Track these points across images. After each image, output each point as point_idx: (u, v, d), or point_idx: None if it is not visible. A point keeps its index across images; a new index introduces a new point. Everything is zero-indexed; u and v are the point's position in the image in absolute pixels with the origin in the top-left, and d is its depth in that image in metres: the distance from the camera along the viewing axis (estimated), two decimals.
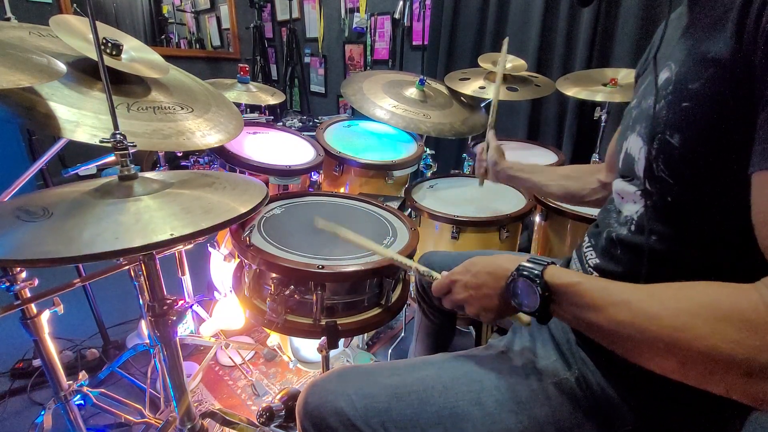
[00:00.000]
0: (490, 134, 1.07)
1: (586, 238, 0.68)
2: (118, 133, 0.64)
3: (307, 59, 3.86)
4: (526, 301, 0.51)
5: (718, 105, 0.44)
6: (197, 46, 4.12)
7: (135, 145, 0.67)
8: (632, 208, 0.57)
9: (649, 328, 0.41)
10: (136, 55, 0.93)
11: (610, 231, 0.60)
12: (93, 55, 0.77)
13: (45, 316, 0.78)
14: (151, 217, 0.58)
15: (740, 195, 0.43)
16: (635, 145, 0.56)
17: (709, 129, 0.45)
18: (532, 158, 1.64)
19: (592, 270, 0.63)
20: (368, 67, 3.32)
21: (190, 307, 1.05)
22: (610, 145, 0.85)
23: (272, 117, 1.95)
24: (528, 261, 0.52)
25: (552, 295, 0.49)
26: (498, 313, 0.57)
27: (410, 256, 0.87)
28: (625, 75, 1.53)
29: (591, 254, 0.64)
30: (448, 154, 2.72)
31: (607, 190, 0.86)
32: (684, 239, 0.50)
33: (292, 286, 0.80)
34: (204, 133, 0.91)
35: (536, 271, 0.50)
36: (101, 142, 0.65)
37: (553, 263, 0.51)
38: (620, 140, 0.62)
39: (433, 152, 1.74)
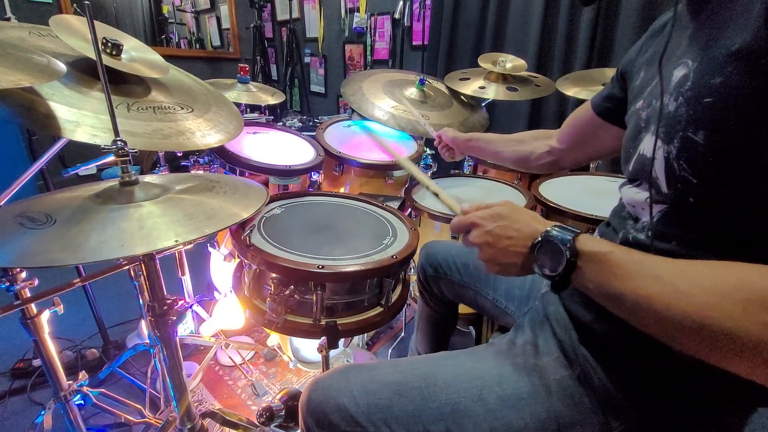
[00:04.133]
0: (433, 132, 1.26)
1: (597, 237, 0.68)
2: (119, 140, 0.64)
3: (307, 59, 3.86)
4: (549, 263, 0.51)
5: (743, 98, 0.43)
6: (197, 46, 4.12)
7: (136, 152, 0.68)
8: (648, 216, 0.56)
9: (678, 305, 0.40)
10: (136, 55, 0.93)
11: (626, 233, 0.59)
12: (93, 55, 0.77)
13: (45, 316, 0.78)
14: (155, 223, 0.58)
15: (765, 191, 0.42)
16: (650, 146, 0.54)
17: (734, 123, 0.44)
18: None
19: None
20: (368, 67, 3.32)
21: (190, 307, 1.05)
22: (569, 117, 0.90)
23: (272, 117, 1.95)
24: (558, 225, 0.52)
25: (579, 261, 0.48)
26: (508, 268, 0.56)
27: (410, 257, 0.87)
28: None
29: None
30: None
31: (554, 155, 0.95)
32: (705, 241, 0.49)
33: (292, 286, 0.80)
34: (204, 133, 0.91)
35: (568, 236, 0.50)
36: (103, 149, 0.65)
37: (583, 233, 0.51)
38: (631, 144, 0.61)
39: (433, 152, 1.74)
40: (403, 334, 1.66)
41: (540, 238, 0.52)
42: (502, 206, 0.60)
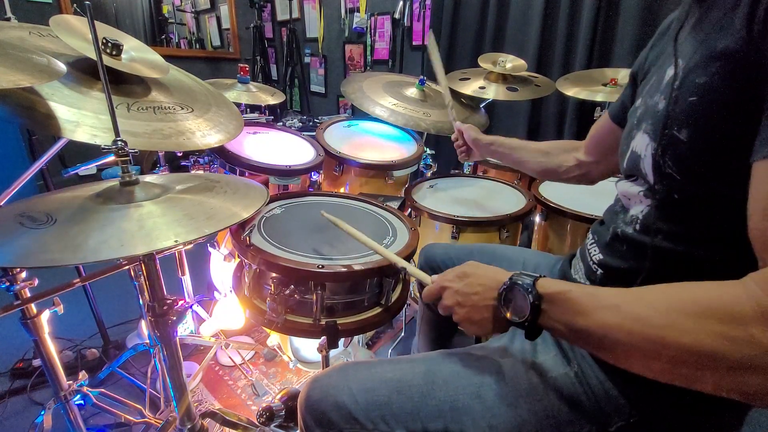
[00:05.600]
0: (457, 123, 1.15)
1: (590, 235, 0.68)
2: (120, 140, 0.64)
3: (307, 59, 3.86)
4: (516, 311, 0.51)
5: (725, 98, 0.44)
6: (197, 46, 4.12)
7: (137, 152, 0.68)
8: (638, 208, 0.58)
9: (638, 330, 0.41)
10: (136, 55, 0.93)
11: (616, 227, 0.61)
12: (93, 55, 0.77)
13: (45, 316, 0.79)
14: (155, 223, 0.58)
15: (746, 189, 0.43)
16: (642, 143, 0.56)
17: (715, 123, 0.45)
18: None
19: (596, 266, 0.63)
20: (368, 67, 3.32)
21: (190, 307, 1.05)
22: (592, 129, 0.87)
23: (272, 117, 1.95)
24: (519, 273, 0.52)
25: (543, 304, 0.49)
26: (482, 324, 0.56)
27: (410, 256, 0.87)
28: (625, 75, 1.53)
29: (595, 250, 0.65)
30: (448, 154, 2.72)
31: (583, 169, 0.91)
32: (690, 237, 0.50)
33: (292, 286, 0.80)
34: (204, 133, 0.91)
35: (528, 281, 0.50)
36: (103, 149, 0.66)
37: (543, 276, 0.51)
38: (626, 141, 0.62)
39: (433, 152, 1.74)
40: (403, 334, 1.66)
41: (504, 287, 0.53)
42: (466, 265, 0.61)
